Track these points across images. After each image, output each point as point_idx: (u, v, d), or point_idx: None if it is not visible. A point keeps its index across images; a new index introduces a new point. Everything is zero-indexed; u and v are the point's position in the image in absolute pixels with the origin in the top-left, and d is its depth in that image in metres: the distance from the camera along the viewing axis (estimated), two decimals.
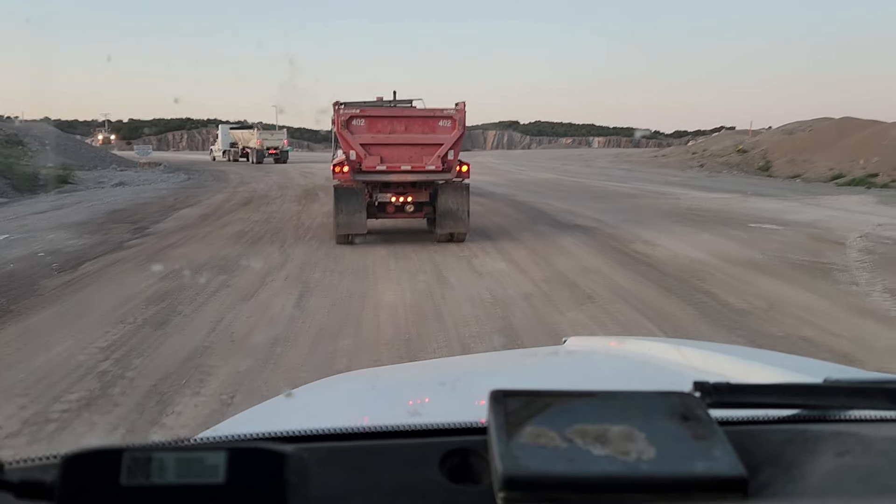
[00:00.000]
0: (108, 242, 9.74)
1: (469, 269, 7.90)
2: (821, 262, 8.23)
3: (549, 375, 1.55)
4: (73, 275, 7.45)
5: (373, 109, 9.71)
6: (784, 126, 32.77)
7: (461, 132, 9.34)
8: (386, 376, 1.79)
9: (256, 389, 4.05)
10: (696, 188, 20.12)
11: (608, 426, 0.66)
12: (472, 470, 0.70)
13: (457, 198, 9.62)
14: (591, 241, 9.88)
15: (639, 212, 13.60)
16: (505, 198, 16.44)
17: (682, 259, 8.44)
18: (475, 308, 6.02)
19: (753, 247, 9.31)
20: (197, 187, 20.44)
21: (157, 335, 5.18)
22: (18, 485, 0.56)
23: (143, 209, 14.19)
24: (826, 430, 0.73)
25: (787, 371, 1.21)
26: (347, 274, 7.60)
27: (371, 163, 9.20)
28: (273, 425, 0.86)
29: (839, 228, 11.16)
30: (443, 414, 0.93)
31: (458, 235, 9.77)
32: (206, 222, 12.12)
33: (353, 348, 4.95)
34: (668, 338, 4.62)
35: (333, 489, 0.66)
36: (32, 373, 4.33)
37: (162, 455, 0.55)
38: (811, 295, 6.56)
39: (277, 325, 5.46)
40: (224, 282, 7.07)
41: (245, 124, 41.40)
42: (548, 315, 5.85)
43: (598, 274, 7.56)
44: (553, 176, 27.13)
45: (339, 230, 9.47)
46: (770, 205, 15.23)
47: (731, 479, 0.61)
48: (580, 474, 0.61)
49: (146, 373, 4.36)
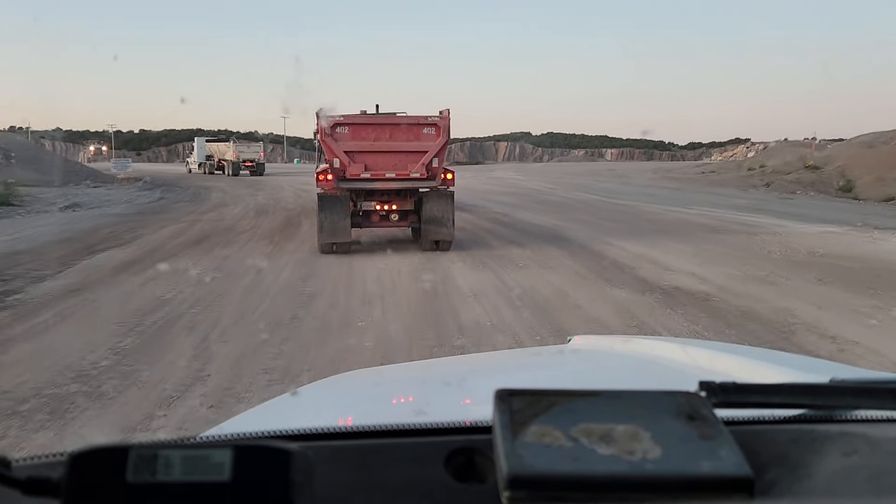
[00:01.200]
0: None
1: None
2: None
3: (554, 374, 1.56)
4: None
5: (357, 117, 9.49)
6: (860, 137, 28.38)
7: (446, 140, 9.27)
8: (391, 375, 1.82)
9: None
10: (782, 216, 15.75)
11: (613, 425, 0.65)
12: (477, 469, 0.71)
13: (442, 205, 9.46)
14: (731, 330, 5.83)
15: (748, 259, 9.42)
16: (550, 233, 12.14)
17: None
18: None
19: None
20: (158, 212, 16.62)
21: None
22: (26, 482, 0.57)
23: (53, 250, 10.20)
24: (832, 430, 0.73)
25: (794, 371, 1.21)
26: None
27: (355, 170, 9.10)
28: (278, 423, 0.85)
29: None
30: (447, 413, 0.93)
31: (443, 243, 9.59)
32: (119, 279, 8.17)
33: None
34: (673, 337, 4.22)
35: (338, 488, 0.66)
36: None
37: (168, 452, 0.55)
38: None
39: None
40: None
41: (222, 137, 42.00)
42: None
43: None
44: (591, 197, 22.70)
45: (322, 238, 9.28)
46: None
47: (736, 478, 0.61)
48: (585, 473, 0.60)
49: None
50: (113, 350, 5.11)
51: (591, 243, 11.00)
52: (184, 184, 28.97)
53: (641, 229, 13.01)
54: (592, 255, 9.83)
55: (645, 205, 19.00)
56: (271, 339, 5.40)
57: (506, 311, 6.44)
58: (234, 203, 19.40)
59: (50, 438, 3.59)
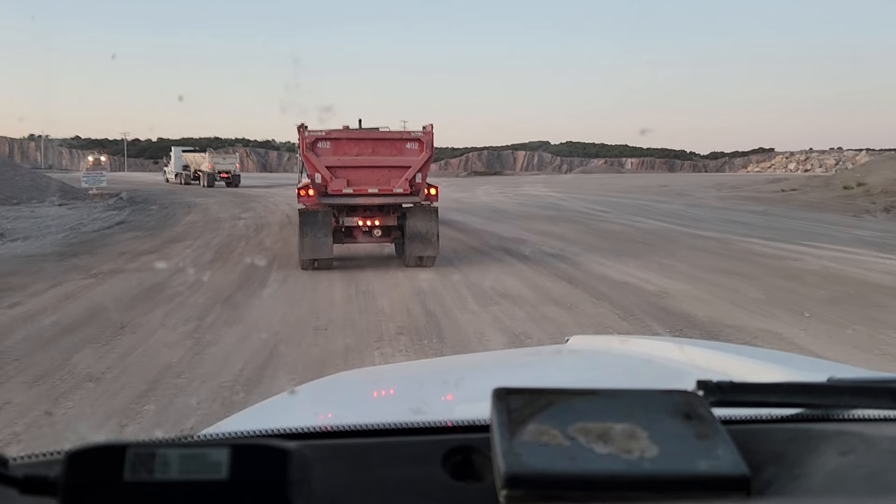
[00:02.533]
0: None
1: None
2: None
3: (552, 373, 1.55)
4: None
5: (339, 132, 9.34)
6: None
7: (429, 155, 9.23)
8: (389, 374, 1.83)
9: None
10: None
11: (611, 424, 0.65)
12: (475, 468, 0.70)
13: (426, 221, 9.37)
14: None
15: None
16: (656, 306, 7.63)
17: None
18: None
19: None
20: (94, 248, 12.18)
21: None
22: (23, 480, 0.56)
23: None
24: (829, 430, 0.73)
25: (791, 370, 1.21)
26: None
27: (337, 185, 9.02)
28: (276, 422, 0.84)
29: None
30: (445, 412, 0.98)
31: (427, 259, 9.48)
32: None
33: None
34: (670, 336, 3.96)
35: (336, 486, 0.66)
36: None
37: (165, 451, 0.55)
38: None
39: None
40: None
41: (198, 148, 42.37)
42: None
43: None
44: (664, 225, 16.67)
45: (303, 255, 9.10)
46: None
47: (733, 477, 0.61)
48: (583, 472, 0.60)
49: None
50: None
51: (752, 326, 6.20)
52: (164, 200, 25.02)
53: (795, 294, 8.14)
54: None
55: (746, 239, 13.86)
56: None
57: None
58: (208, 230, 15.00)
59: None
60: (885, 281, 9.12)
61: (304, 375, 4.85)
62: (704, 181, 52.30)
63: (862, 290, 8.38)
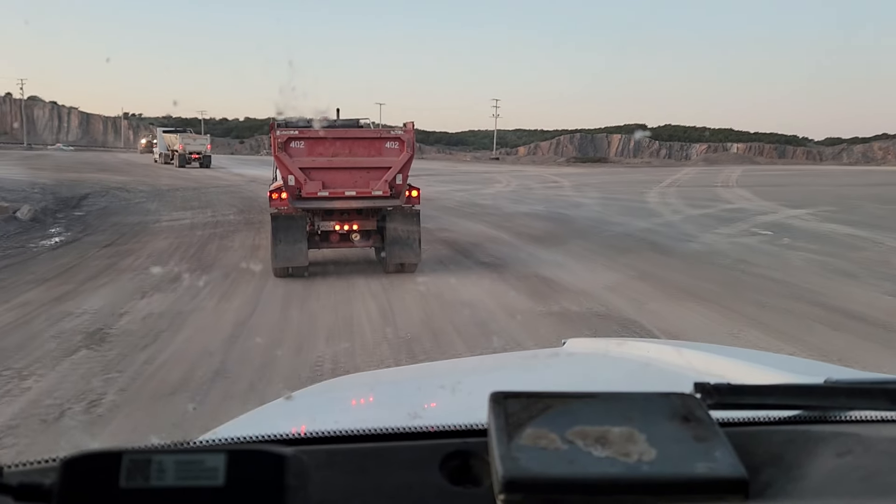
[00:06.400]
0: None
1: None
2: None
3: (550, 377, 1.54)
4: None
5: (313, 131, 8.93)
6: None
7: (410, 154, 8.90)
8: (386, 379, 1.78)
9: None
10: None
11: (609, 428, 0.65)
12: (473, 472, 0.69)
13: (407, 225, 9.08)
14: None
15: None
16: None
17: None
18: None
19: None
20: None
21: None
22: (17, 488, 0.55)
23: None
24: (827, 431, 0.72)
25: (788, 372, 1.19)
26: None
27: (312, 188, 8.58)
28: (273, 428, 0.84)
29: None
30: (443, 416, 0.94)
31: (408, 265, 9.15)
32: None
33: None
34: (667, 340, 4.15)
35: (333, 492, 0.65)
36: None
37: (161, 457, 0.54)
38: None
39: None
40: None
41: (174, 129, 43.17)
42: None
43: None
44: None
45: (277, 262, 8.72)
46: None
47: (731, 480, 0.60)
48: (581, 476, 0.60)
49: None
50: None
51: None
52: (142, 187, 22.35)
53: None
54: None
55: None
56: None
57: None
58: (176, 264, 11.60)
59: None
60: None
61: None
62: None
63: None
